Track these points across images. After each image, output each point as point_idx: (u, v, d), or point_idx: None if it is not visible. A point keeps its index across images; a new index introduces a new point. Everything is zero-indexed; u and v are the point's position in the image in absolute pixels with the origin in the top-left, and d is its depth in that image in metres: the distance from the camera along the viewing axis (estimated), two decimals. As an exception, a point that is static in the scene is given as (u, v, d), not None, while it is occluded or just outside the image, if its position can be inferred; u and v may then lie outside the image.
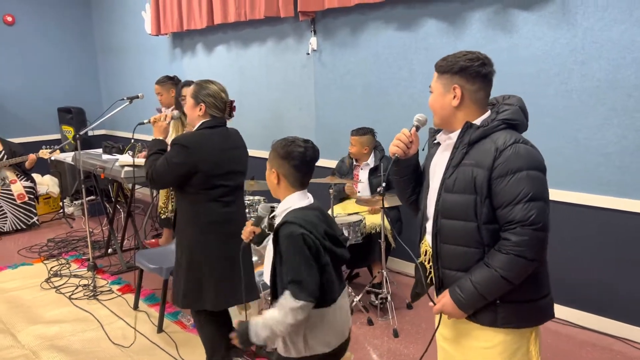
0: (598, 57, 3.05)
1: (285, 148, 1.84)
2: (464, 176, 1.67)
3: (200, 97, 2.56)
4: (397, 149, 1.83)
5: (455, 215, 1.69)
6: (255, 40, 5.19)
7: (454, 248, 1.71)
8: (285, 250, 1.75)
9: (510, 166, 1.59)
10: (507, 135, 1.64)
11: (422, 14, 3.83)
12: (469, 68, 1.68)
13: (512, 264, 1.59)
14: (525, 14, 3.30)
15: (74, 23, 7.40)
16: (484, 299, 1.65)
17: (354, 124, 4.16)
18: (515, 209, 1.58)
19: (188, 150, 2.47)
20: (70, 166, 6.36)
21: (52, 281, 4.22)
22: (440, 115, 1.75)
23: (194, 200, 2.56)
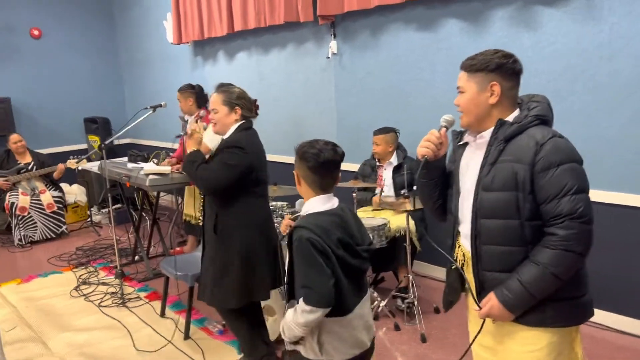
0: (626, 52, 2.96)
1: (301, 149, 1.86)
2: (504, 173, 1.64)
3: (234, 101, 2.64)
4: (427, 150, 1.80)
5: (496, 214, 1.66)
6: (275, 46, 5.20)
7: (495, 248, 1.68)
8: (296, 254, 1.77)
9: (552, 159, 1.58)
10: (544, 130, 1.63)
11: (443, 14, 3.78)
12: (504, 65, 1.67)
13: (562, 259, 1.57)
14: (549, 10, 3.23)
15: (98, 35, 7.54)
16: (533, 298, 1.61)
17: (375, 127, 4.12)
18: (561, 202, 1.56)
19: (243, 151, 2.56)
20: (97, 175, 6.46)
21: (81, 289, 4.29)
22: (474, 114, 1.72)
23: (245, 200, 2.64)
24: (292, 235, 1.79)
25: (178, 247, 5.12)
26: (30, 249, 5.49)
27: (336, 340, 1.82)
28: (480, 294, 1.74)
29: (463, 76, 1.74)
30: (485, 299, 1.70)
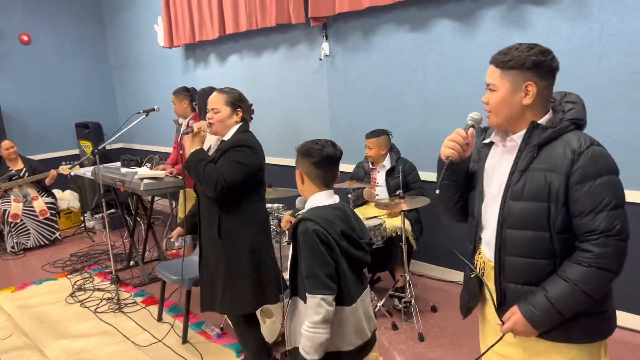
0: (617, 49, 3.00)
1: (305, 146, 1.92)
2: (536, 182, 1.53)
3: (238, 103, 2.65)
4: (453, 151, 1.66)
5: (524, 224, 1.55)
6: (267, 48, 5.20)
7: (521, 260, 1.57)
8: (301, 246, 1.80)
9: (590, 171, 1.47)
10: (581, 137, 1.52)
11: (435, 14, 3.80)
12: (542, 63, 1.53)
13: (595, 277, 1.47)
14: (540, 8, 3.26)
15: (88, 40, 7.51)
16: (561, 315, 1.51)
17: (368, 128, 4.14)
18: (598, 217, 1.46)
19: (253, 151, 2.58)
20: (90, 181, 6.42)
21: (76, 295, 4.27)
22: (506, 114, 1.58)
23: (249, 200, 2.64)
24: (296, 228, 1.83)
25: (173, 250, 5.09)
26: (24, 256, 5.45)
27: (342, 329, 1.85)
28: (501, 306, 1.64)
29: (495, 72, 1.59)
30: (509, 313, 1.60)
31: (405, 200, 3.32)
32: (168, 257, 4.73)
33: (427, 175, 3.92)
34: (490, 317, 1.75)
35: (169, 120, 6.21)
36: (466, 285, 1.81)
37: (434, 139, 3.94)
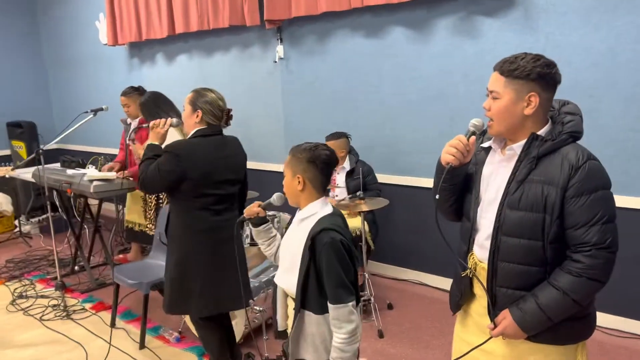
0: (560, 60, 3.15)
1: (311, 152, 1.86)
2: (533, 193, 1.58)
3: (198, 104, 2.58)
4: (453, 157, 1.67)
5: (520, 233, 1.60)
6: (219, 49, 5.16)
7: (514, 266, 1.63)
8: (327, 258, 1.77)
9: (586, 186, 1.52)
10: (578, 151, 1.56)
11: (389, 21, 3.93)
12: (547, 75, 1.58)
13: (584, 287, 1.54)
14: (490, 20, 3.46)
15: (21, 35, 7.11)
16: (550, 321, 1.58)
17: (323, 130, 4.21)
18: (591, 230, 1.52)
19: (178, 158, 2.47)
20: (23, 183, 6.08)
21: (17, 303, 4.04)
22: (507, 123, 1.61)
23: (184, 208, 2.57)
24: (314, 239, 1.79)
25: (120, 254, 4.94)
26: (-48, 263, 5.09)
27: None
28: (493, 308, 1.70)
29: (499, 80, 1.61)
30: (500, 317, 1.66)
31: (365, 201, 3.41)
32: (116, 262, 4.59)
33: (384, 178, 4.04)
34: (474, 312, 1.82)
35: (109, 120, 6.00)
36: (458, 283, 1.86)
37: (389, 142, 4.10)
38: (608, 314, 3.29)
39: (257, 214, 2.03)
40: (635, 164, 3.06)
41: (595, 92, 3.13)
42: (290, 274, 1.90)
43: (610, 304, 3.27)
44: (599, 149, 3.11)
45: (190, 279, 2.59)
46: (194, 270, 2.59)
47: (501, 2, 3.39)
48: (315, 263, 1.80)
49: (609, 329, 3.27)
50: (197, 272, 2.59)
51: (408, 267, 4.21)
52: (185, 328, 3.45)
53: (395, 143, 4.05)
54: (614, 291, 3.21)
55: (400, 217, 4.12)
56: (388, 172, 4.08)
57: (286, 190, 1.94)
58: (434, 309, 3.66)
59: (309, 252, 1.80)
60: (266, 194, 4.44)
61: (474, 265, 1.76)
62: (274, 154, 4.86)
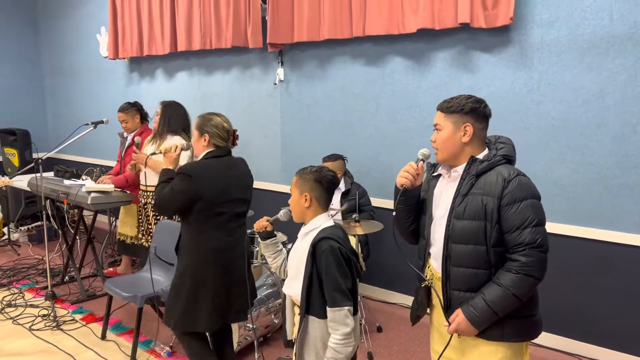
0: (553, 98, 3.38)
1: (317, 173, 2.07)
2: (474, 204, 1.85)
3: (205, 129, 2.67)
4: (406, 180, 1.99)
5: (466, 239, 1.86)
6: (220, 68, 5.26)
7: (464, 270, 1.88)
8: (326, 263, 1.93)
9: (517, 195, 1.81)
10: (510, 169, 1.87)
11: (389, 51, 4.07)
12: (477, 109, 1.92)
13: (523, 283, 1.79)
14: (487, 55, 3.61)
15: (20, 43, 7.16)
16: (495, 315, 1.83)
17: (320, 152, 4.31)
18: (523, 233, 1.78)
19: (191, 179, 2.55)
20: (14, 191, 6.08)
21: (6, 312, 4.02)
22: (449, 151, 1.94)
23: (197, 228, 2.63)
24: (315, 247, 1.96)
25: (110, 267, 4.95)
26: (-61, 268, 5.04)
27: None
28: (447, 310, 1.95)
29: (440, 116, 1.96)
30: (453, 316, 1.90)
31: (361, 224, 3.49)
32: (106, 275, 4.59)
33: (378, 202, 4.13)
34: (436, 323, 2.07)
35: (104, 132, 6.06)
36: (416, 296, 2.13)
37: (384, 167, 4.20)
38: (585, 342, 3.39)
39: (265, 227, 2.24)
40: (622, 201, 3.20)
41: (585, 130, 3.27)
42: (296, 282, 2.06)
43: (587, 332, 3.37)
44: (588, 185, 3.28)
45: (203, 298, 2.64)
46: (206, 289, 2.64)
47: (498, 39, 3.54)
48: (317, 269, 1.95)
49: (586, 357, 3.36)
50: (208, 291, 2.64)
51: (397, 290, 4.28)
52: (176, 343, 3.47)
53: (389, 169, 4.15)
54: (591, 321, 3.34)
55: (391, 240, 4.20)
56: (381, 196, 4.18)
57: (293, 207, 2.11)
58: (423, 333, 3.72)
59: (311, 258, 1.96)
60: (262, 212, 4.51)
61: (431, 277, 2.03)
62: (271, 173, 4.93)
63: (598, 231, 3.29)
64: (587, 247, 3.34)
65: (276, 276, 3.63)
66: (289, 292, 2.15)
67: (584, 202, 3.33)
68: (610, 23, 3.11)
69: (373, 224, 3.54)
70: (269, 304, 3.46)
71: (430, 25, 3.65)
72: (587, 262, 3.35)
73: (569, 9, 3.24)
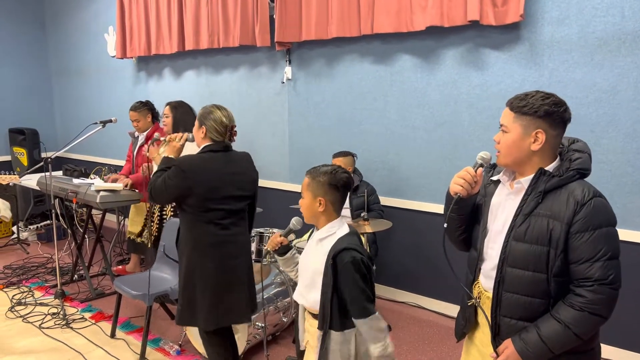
0: (563, 95, 3.28)
1: (331, 176, 1.94)
2: (539, 227, 1.63)
3: (204, 121, 2.67)
4: (461, 188, 1.75)
5: (524, 265, 1.65)
6: (227, 67, 5.26)
7: (518, 297, 1.68)
8: (351, 275, 1.85)
9: (590, 222, 1.57)
10: (585, 188, 1.61)
11: (398, 49, 4.05)
12: (555, 114, 1.64)
13: (586, 321, 1.58)
14: (497, 53, 3.58)
15: (27, 44, 7.20)
16: (550, 352, 1.63)
17: (328, 151, 4.30)
18: (594, 266, 1.57)
19: (184, 174, 2.53)
20: (23, 189, 6.11)
21: (16, 310, 4.04)
22: (514, 157, 1.69)
23: (191, 221, 2.63)
24: (335, 259, 1.87)
25: (118, 265, 4.96)
26: (-51, 267, 5.08)
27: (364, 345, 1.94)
28: (496, 337, 1.75)
29: (509, 115, 1.68)
30: (502, 347, 1.71)
31: (370, 222, 3.48)
32: (114, 273, 4.61)
33: (385, 200, 4.12)
34: (478, 341, 1.89)
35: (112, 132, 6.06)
36: (463, 311, 1.93)
37: (392, 165, 4.19)
38: (610, 345, 3.36)
39: (280, 244, 2.12)
40: (634, 199, 3.17)
41: (596, 127, 3.24)
42: (311, 291, 1.97)
43: (612, 336, 3.35)
44: (599, 183, 3.23)
45: (198, 292, 2.64)
46: (202, 283, 2.63)
47: (507, 36, 3.52)
48: (337, 281, 1.87)
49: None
50: (204, 286, 2.63)
51: (406, 289, 4.26)
52: (185, 341, 3.48)
53: (398, 167, 4.14)
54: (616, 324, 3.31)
55: (400, 239, 4.19)
56: (389, 194, 4.16)
57: (304, 210, 2.01)
58: (432, 333, 3.71)
59: (332, 271, 1.86)
60: (270, 211, 4.52)
61: (479, 294, 1.83)
62: (279, 172, 4.93)
63: (609, 230, 3.26)
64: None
65: (285, 275, 3.62)
66: (302, 302, 2.05)
67: (595, 201, 3.30)
68: (622, 20, 3.08)
69: (382, 223, 3.53)
70: (278, 302, 3.46)
71: (439, 23, 3.63)
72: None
73: (579, 6, 3.22)
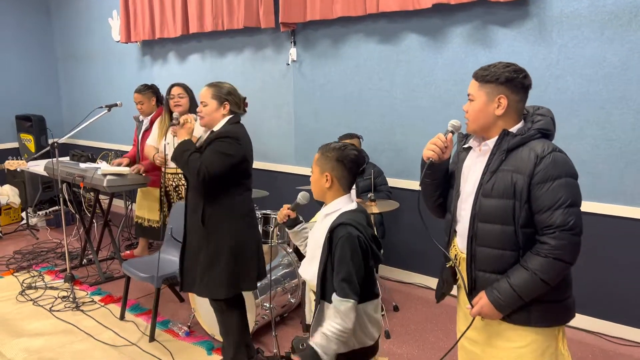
0: (572, 72, 3.30)
1: (340, 151, 1.92)
2: (503, 181, 1.73)
3: (224, 96, 2.72)
4: (433, 153, 1.87)
5: (493, 219, 1.74)
6: (232, 50, 5.22)
7: (490, 251, 1.77)
8: (341, 250, 1.81)
9: (550, 173, 1.66)
10: (545, 144, 1.70)
11: (404, 28, 4.00)
12: (514, 79, 1.75)
13: (551, 267, 1.66)
14: (504, 30, 3.53)
15: (33, 30, 7.18)
16: (521, 300, 1.71)
17: (334, 132, 4.28)
18: (555, 214, 1.65)
19: (238, 142, 2.63)
20: (31, 175, 6.14)
21: (27, 294, 4.08)
22: (480, 123, 1.80)
23: (233, 192, 2.70)
24: (332, 232, 1.85)
25: (127, 250, 4.98)
26: (-40, 252, 5.13)
27: (367, 326, 1.91)
28: (471, 292, 1.85)
29: (474, 85, 1.81)
30: (477, 298, 1.80)
31: (376, 203, 3.47)
32: (123, 258, 4.63)
33: (392, 181, 4.09)
34: (462, 303, 1.98)
35: (117, 117, 6.07)
36: (441, 273, 2.05)
37: (399, 146, 4.16)
38: (611, 322, 3.35)
39: (288, 216, 2.13)
40: (643, 176, 3.13)
41: (606, 104, 3.19)
42: (312, 265, 1.97)
43: (613, 312, 3.33)
44: (609, 160, 3.21)
45: (247, 258, 2.73)
46: (248, 249, 2.74)
47: (515, 13, 3.45)
48: (332, 255, 1.85)
49: (611, 337, 3.33)
50: (251, 251, 2.75)
51: (413, 270, 4.26)
52: (194, 322, 3.50)
53: (405, 148, 4.11)
54: (617, 299, 3.29)
55: (407, 220, 4.18)
56: (396, 176, 4.14)
57: (313, 186, 2.00)
58: (439, 312, 3.71)
59: (328, 244, 1.86)
60: (276, 194, 4.51)
61: (455, 256, 1.93)
62: (284, 155, 4.91)
63: (620, 207, 3.23)
64: (609, 224, 3.28)
65: (292, 256, 3.63)
66: (304, 275, 2.07)
67: (605, 178, 3.26)
68: (633, -7, 3.02)
69: (388, 203, 3.52)
70: (285, 284, 3.46)
71: (445, 0, 3.57)
72: (609, 240, 3.29)
73: (589, -21, 3.15)
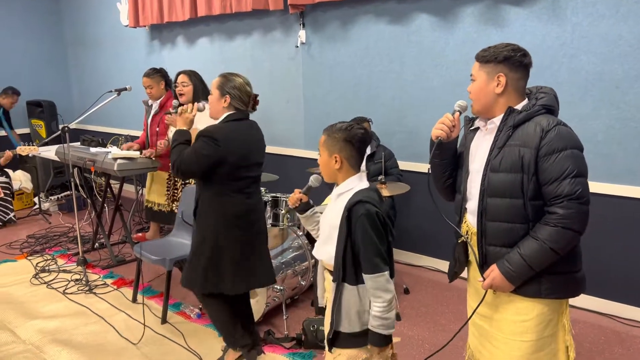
0: (586, 51, 3.24)
1: (347, 132, 1.90)
2: (511, 156, 1.77)
3: (226, 89, 2.61)
4: (441, 132, 1.92)
5: (502, 193, 1.79)
6: (240, 33, 5.19)
7: (500, 225, 1.81)
8: (363, 227, 1.81)
9: (555, 145, 1.71)
10: (549, 118, 1.76)
11: (414, 8, 3.94)
12: (512, 57, 1.80)
13: (560, 236, 1.70)
14: (517, 9, 3.46)
15: (43, 15, 7.18)
16: (531, 270, 1.76)
17: (343, 116, 4.24)
18: (562, 184, 1.69)
19: (217, 143, 2.50)
20: (43, 161, 6.18)
21: (41, 277, 4.13)
22: (482, 102, 1.85)
23: (219, 191, 2.60)
24: (350, 210, 1.83)
25: (138, 233, 5.02)
26: (-25, 237, 5.19)
27: None
28: (482, 267, 1.89)
29: (476, 66, 1.87)
30: (488, 271, 1.84)
31: (387, 186, 3.45)
32: (134, 240, 4.66)
33: (403, 164, 4.06)
34: (472, 279, 2.03)
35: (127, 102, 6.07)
36: (453, 252, 2.07)
37: (410, 128, 4.12)
38: (624, 304, 3.32)
39: (300, 200, 2.10)
40: (658, 156, 3.08)
41: (622, 83, 3.13)
42: (327, 246, 1.95)
43: (626, 294, 3.30)
44: (624, 141, 3.16)
45: (226, 260, 2.64)
46: (229, 252, 2.64)
47: (529, -9, 3.39)
48: (351, 234, 1.84)
49: (624, 319, 3.30)
50: (231, 254, 2.64)
51: (424, 253, 4.25)
52: (205, 305, 3.52)
53: (416, 130, 4.07)
54: (631, 281, 3.26)
55: (418, 203, 4.16)
56: (407, 159, 4.11)
57: (322, 169, 1.97)
58: (450, 295, 3.70)
59: (346, 223, 1.84)
60: (286, 178, 4.50)
61: (467, 232, 1.97)
62: (294, 138, 4.89)
63: (636, 189, 3.18)
64: (623, 205, 3.24)
65: (302, 239, 3.63)
66: (319, 256, 2.04)
67: (620, 159, 3.21)
68: (650, -32, 2.94)
69: (399, 186, 3.50)
70: (296, 266, 3.47)
71: (457, -21, 3.51)
72: (623, 221, 3.26)
73: (605, -45, 3.08)
